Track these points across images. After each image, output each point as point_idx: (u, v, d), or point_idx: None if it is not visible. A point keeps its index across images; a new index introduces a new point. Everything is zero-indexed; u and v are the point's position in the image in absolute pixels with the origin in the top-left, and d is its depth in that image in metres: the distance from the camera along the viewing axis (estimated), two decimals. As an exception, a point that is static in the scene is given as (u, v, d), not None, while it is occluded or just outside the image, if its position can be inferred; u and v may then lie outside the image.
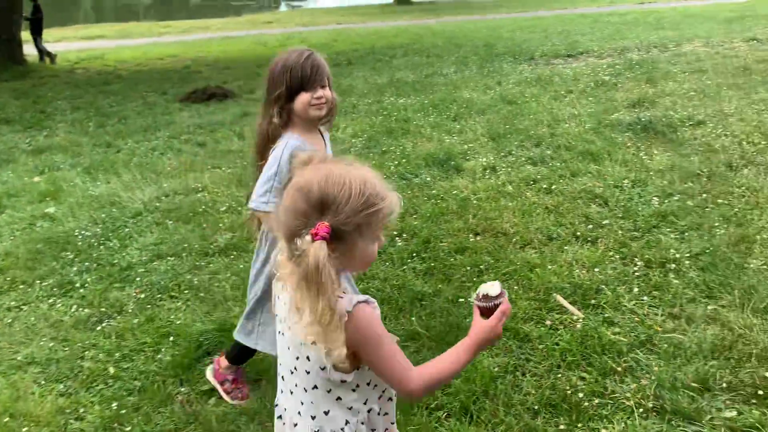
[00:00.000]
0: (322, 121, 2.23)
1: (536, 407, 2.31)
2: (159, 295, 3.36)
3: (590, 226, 3.66)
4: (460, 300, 3.03)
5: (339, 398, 1.39)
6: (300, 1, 37.21)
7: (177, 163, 5.62)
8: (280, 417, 1.52)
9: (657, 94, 6.35)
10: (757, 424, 2.13)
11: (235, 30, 18.94)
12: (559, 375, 2.47)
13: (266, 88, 2.21)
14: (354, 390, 1.39)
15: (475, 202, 4.17)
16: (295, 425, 1.44)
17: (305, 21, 20.13)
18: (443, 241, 3.65)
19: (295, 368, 1.40)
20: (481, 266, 3.32)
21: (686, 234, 3.47)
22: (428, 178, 4.70)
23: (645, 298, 2.93)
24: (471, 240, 3.64)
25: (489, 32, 13.82)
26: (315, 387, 1.38)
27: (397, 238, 3.75)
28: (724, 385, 2.32)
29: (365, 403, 1.43)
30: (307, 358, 1.36)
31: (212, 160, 5.64)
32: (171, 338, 2.93)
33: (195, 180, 5.10)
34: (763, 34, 9.26)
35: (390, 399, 1.49)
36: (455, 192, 4.37)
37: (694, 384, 2.34)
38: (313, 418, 1.41)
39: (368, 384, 1.42)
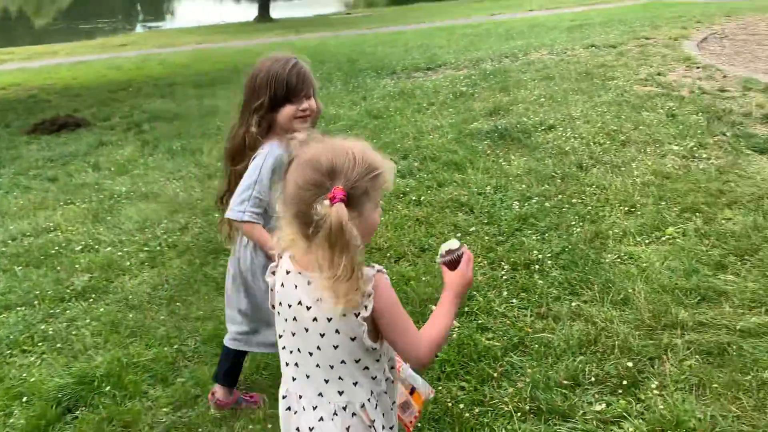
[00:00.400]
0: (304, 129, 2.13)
1: (419, 425, 2.31)
2: (8, 351, 3.05)
3: (459, 234, 3.76)
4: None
5: (366, 368, 1.46)
6: (157, 22, 35.90)
7: (25, 202, 5.17)
8: (288, 408, 1.54)
9: (511, 102, 6.68)
10: (624, 413, 2.26)
11: (86, 54, 17.84)
12: (440, 387, 2.49)
13: (246, 95, 2.12)
14: (378, 360, 1.48)
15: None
16: (315, 408, 1.48)
17: (162, 42, 19.34)
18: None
19: (318, 347, 1.44)
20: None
21: (546, 235, 3.65)
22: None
23: (514, 300, 3.04)
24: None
25: (351, 48, 13.98)
26: (343, 362, 1.44)
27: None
28: (593, 379, 2.45)
29: (384, 372, 1.52)
30: (336, 331, 1.41)
31: (65, 196, 5.24)
32: (24, 399, 2.65)
33: (46, 219, 4.70)
34: (600, 41, 10.03)
35: (392, 368, 1.57)
36: (327, 211, 4.33)
37: (565, 381, 2.44)
38: (341, 393, 1.46)
39: (386, 355, 1.51)
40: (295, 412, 1.52)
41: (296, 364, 1.50)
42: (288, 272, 1.46)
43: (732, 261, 3.18)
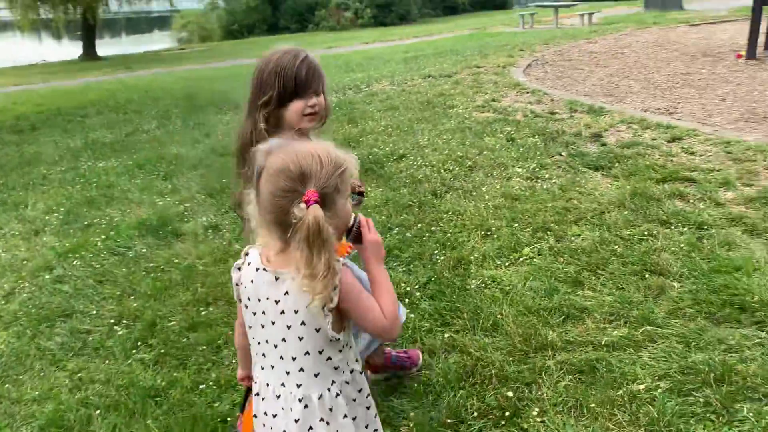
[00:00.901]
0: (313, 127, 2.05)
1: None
2: None
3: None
4: (201, 386, 2.71)
5: (329, 358, 1.54)
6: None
7: None
8: (257, 393, 1.62)
9: (360, 133, 6.70)
10: (509, 446, 2.22)
11: None
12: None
13: (252, 90, 2.00)
14: (340, 350, 1.56)
15: (201, 268, 3.86)
16: (278, 397, 1.56)
17: (-30, 84, 17.48)
18: (171, 320, 3.28)
19: (284, 339, 1.52)
20: (219, 341, 3.04)
21: (412, 265, 3.61)
22: (144, 249, 4.25)
23: (388, 339, 2.94)
24: (203, 313, 3.33)
25: (187, 83, 13.47)
26: (307, 353, 1.52)
27: (115, 327, 3.28)
28: (475, 413, 2.39)
29: (348, 364, 1.59)
30: (302, 323, 1.49)
31: None
32: None
33: None
34: (435, 71, 10.47)
35: (357, 360, 1.65)
36: (177, 260, 4.00)
37: (449, 420, 2.36)
38: (299, 386, 1.54)
39: (348, 345, 1.60)
40: (263, 399, 1.60)
41: (263, 355, 1.59)
42: (257, 269, 1.54)
43: (587, 276, 3.31)
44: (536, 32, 17.10)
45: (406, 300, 3.22)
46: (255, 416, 1.63)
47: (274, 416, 1.57)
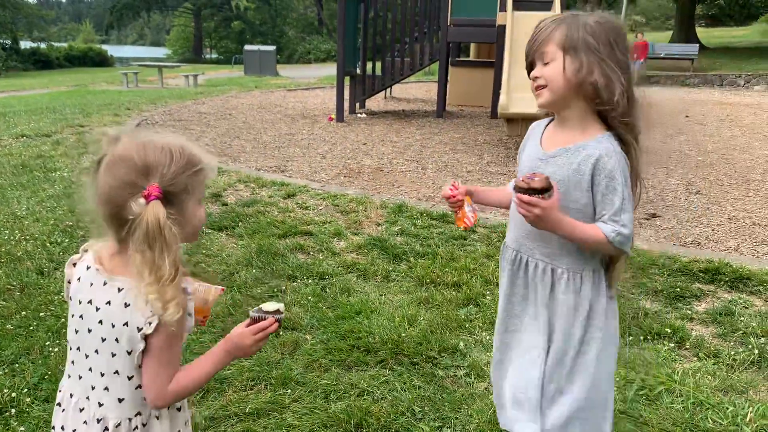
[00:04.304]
0: None
1: None
2: None
3: None
4: None
5: (139, 387, 1.40)
6: None
7: None
8: (59, 404, 1.48)
9: (-68, 206, 5.46)
10: None
11: None
12: None
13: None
14: None
15: None
16: (81, 410, 1.42)
17: None
18: None
19: (96, 351, 1.39)
20: None
21: (17, 364, 3.00)
22: None
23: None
24: None
25: None
26: (116, 372, 1.38)
27: None
28: None
29: None
30: (116, 340, 1.35)
31: None
32: None
33: None
34: (30, 130, 9.31)
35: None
36: None
37: None
38: (100, 405, 1.41)
39: None
40: (63, 410, 1.47)
41: (72, 362, 1.46)
42: (88, 268, 1.40)
43: (224, 343, 3.20)
44: (142, 91, 16.69)
45: (13, 410, 2.64)
46: (53, 428, 1.49)
47: (74, 431, 1.43)
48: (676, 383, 2.88)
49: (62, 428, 1.46)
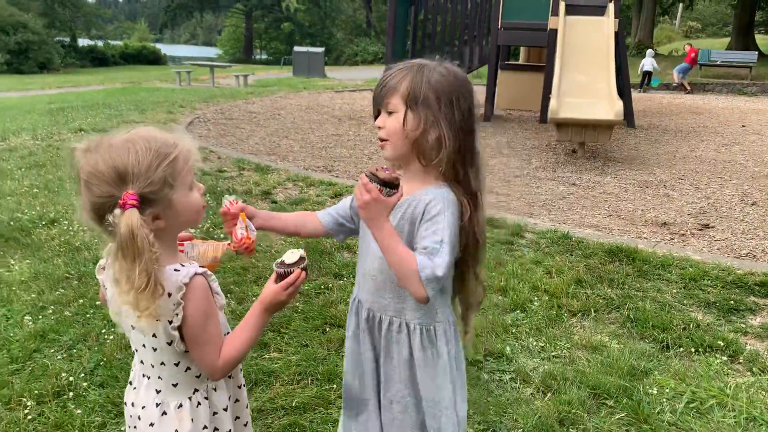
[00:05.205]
0: None
1: None
2: None
3: (-47, 374, 2.88)
4: None
5: (188, 368, 1.46)
6: None
7: None
8: (131, 382, 1.56)
9: (-4, 195, 5.71)
10: None
11: None
12: None
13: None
14: None
15: None
16: (144, 408, 1.49)
17: None
18: None
19: (144, 345, 1.44)
20: None
21: (74, 350, 3.11)
22: None
23: (48, 443, 2.44)
24: None
25: None
26: (163, 363, 1.44)
27: None
28: None
29: None
30: (153, 335, 1.39)
31: None
32: None
33: None
34: (87, 125, 9.61)
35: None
36: None
37: None
38: (158, 391, 1.48)
39: None
40: (135, 388, 1.54)
41: (137, 350, 1.50)
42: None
43: (271, 337, 3.26)
44: (194, 90, 17.06)
45: (71, 393, 2.74)
46: (125, 404, 1.57)
47: (143, 408, 1.50)
48: (728, 397, 2.81)
49: (132, 404, 1.53)
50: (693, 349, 3.24)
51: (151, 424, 1.47)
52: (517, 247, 4.68)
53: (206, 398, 1.51)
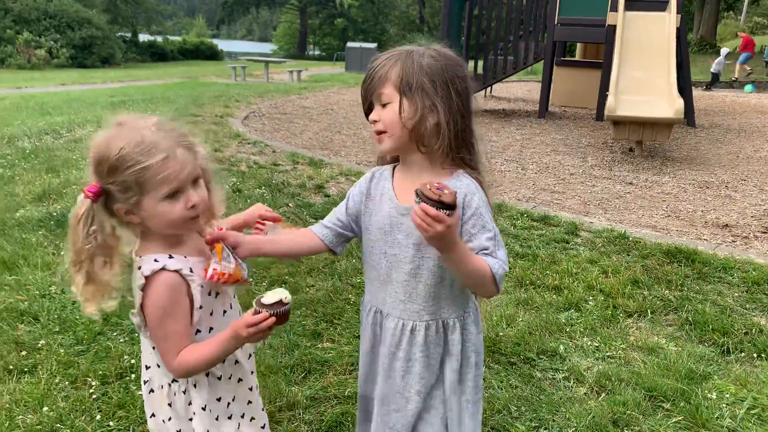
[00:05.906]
0: None
1: None
2: None
3: (24, 353, 3.02)
4: None
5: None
6: None
7: None
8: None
9: (63, 184, 5.96)
10: None
11: None
12: None
13: None
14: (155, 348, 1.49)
15: None
16: (147, 368, 1.57)
17: None
18: None
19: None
20: None
21: (136, 333, 3.22)
22: None
23: (111, 423, 2.54)
24: None
25: None
26: (153, 347, 1.49)
27: None
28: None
29: None
30: (134, 314, 1.47)
31: None
32: None
33: None
34: (148, 118, 9.90)
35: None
36: None
37: None
38: (147, 368, 1.55)
39: (198, 332, 1.48)
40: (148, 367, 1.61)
41: None
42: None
43: (325, 327, 3.30)
44: (249, 85, 17.37)
45: (132, 375, 2.84)
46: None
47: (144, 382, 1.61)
48: (793, 406, 2.71)
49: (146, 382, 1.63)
50: (755, 354, 3.14)
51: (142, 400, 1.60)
52: (572, 246, 4.61)
53: (184, 392, 1.53)
